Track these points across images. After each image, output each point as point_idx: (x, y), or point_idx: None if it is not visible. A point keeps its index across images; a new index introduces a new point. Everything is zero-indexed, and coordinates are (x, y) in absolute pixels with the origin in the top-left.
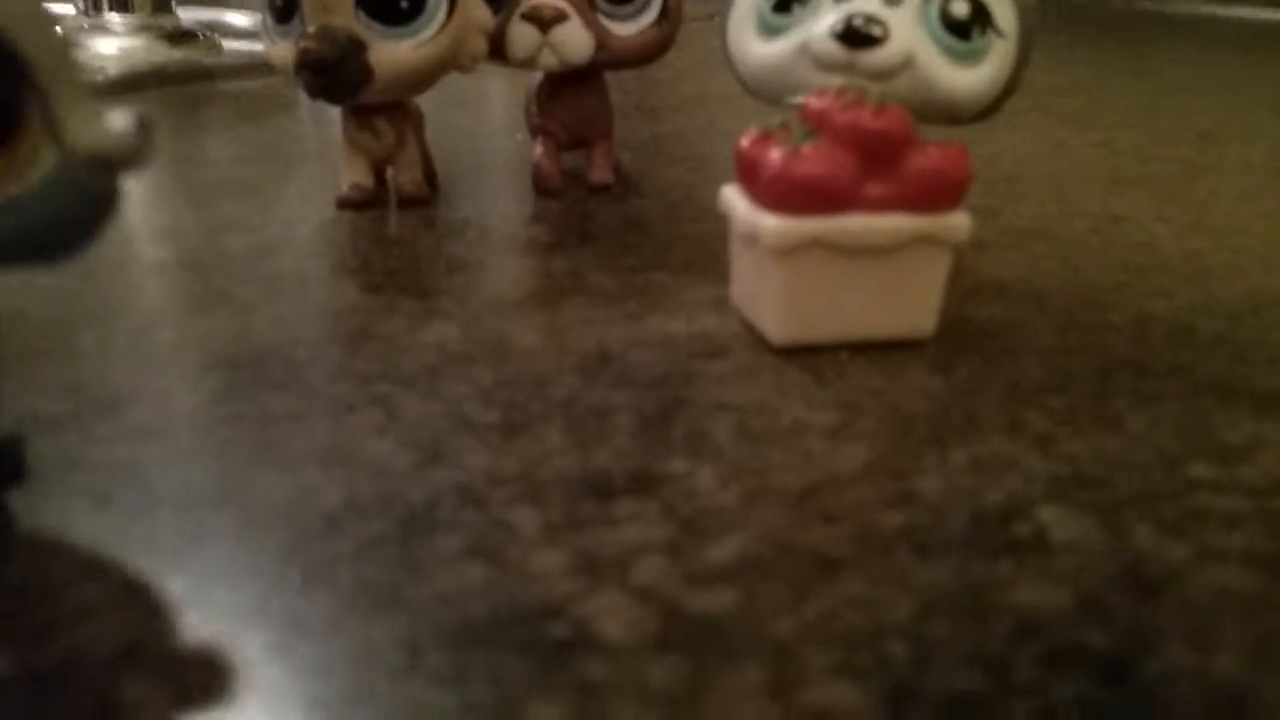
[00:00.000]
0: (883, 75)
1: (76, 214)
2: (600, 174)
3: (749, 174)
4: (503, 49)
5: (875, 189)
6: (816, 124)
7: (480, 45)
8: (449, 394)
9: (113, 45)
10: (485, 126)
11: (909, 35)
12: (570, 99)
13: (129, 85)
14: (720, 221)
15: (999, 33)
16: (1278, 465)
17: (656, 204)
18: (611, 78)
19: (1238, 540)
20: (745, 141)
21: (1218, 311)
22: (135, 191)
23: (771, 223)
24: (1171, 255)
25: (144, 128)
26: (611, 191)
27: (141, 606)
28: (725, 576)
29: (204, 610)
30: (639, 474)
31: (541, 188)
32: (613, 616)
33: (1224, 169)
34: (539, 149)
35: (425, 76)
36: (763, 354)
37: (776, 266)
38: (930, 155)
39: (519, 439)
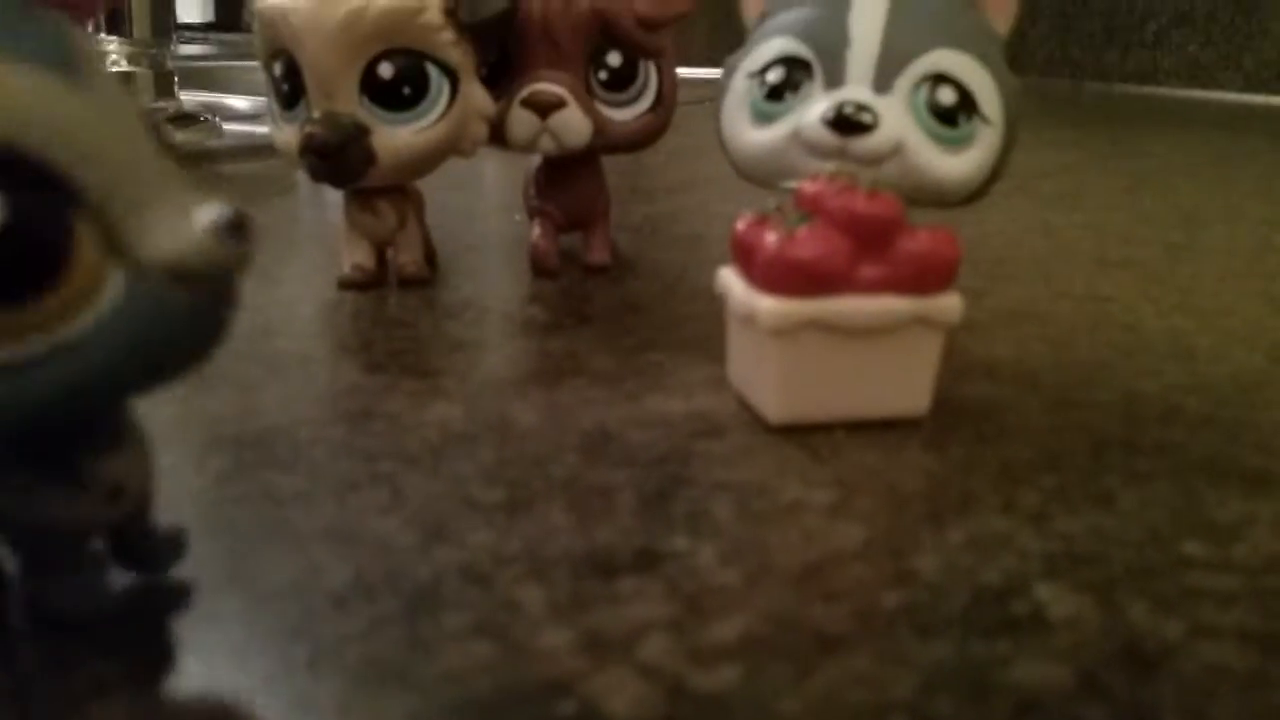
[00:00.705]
0: (873, 161)
1: (165, 336)
2: (597, 255)
3: (745, 256)
4: (503, 134)
5: (868, 271)
6: (811, 208)
7: (481, 130)
8: (452, 473)
9: None
10: (483, 208)
11: (898, 122)
12: (567, 182)
13: None
14: (716, 302)
15: (985, 119)
16: (1269, 543)
17: (653, 285)
18: (607, 160)
19: (1231, 618)
20: (741, 225)
21: (1205, 391)
22: None
23: (768, 304)
24: (1157, 335)
25: (238, 224)
26: (608, 273)
27: (153, 686)
28: (729, 654)
29: (213, 690)
30: (642, 552)
31: (539, 269)
32: (619, 694)
33: (1207, 250)
34: (537, 230)
35: (427, 161)
36: (760, 433)
37: (773, 347)
38: (921, 238)
39: (522, 517)
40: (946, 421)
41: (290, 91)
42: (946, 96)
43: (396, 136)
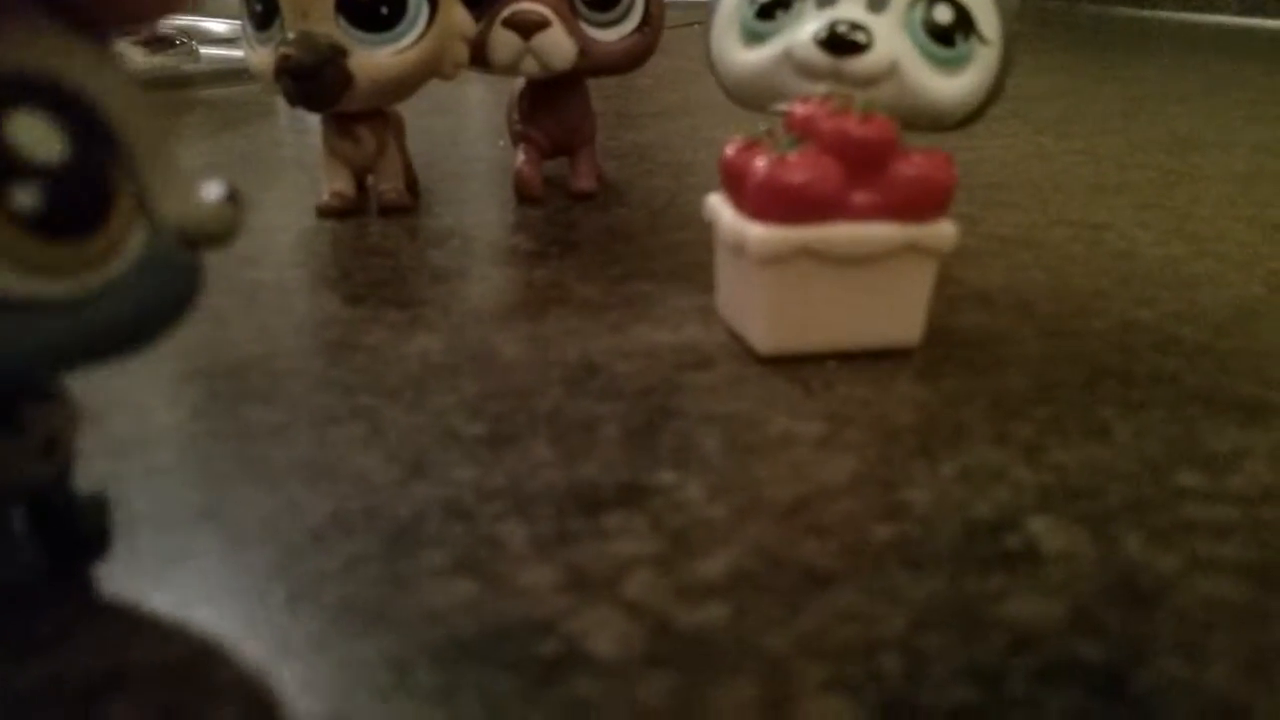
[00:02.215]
0: (867, 82)
1: (168, 296)
2: (583, 182)
3: (734, 182)
4: (484, 55)
5: (861, 197)
6: (802, 132)
7: (461, 52)
8: (434, 406)
9: None
10: (467, 133)
11: (893, 42)
12: (552, 106)
13: None
14: (705, 230)
15: (983, 39)
16: (1265, 474)
17: (640, 212)
18: (594, 85)
19: (1228, 550)
20: (730, 150)
21: (1201, 319)
22: None
23: (757, 231)
24: (1153, 263)
25: (236, 199)
26: (595, 200)
27: (123, 627)
28: (715, 591)
29: (187, 631)
30: (627, 486)
31: (524, 196)
32: (603, 632)
33: (1203, 175)
34: (521, 156)
35: (406, 84)
36: (749, 364)
37: (762, 276)
38: (916, 163)
39: (505, 452)
40: (939, 352)
41: (264, 11)
42: (943, 15)
43: (374, 58)
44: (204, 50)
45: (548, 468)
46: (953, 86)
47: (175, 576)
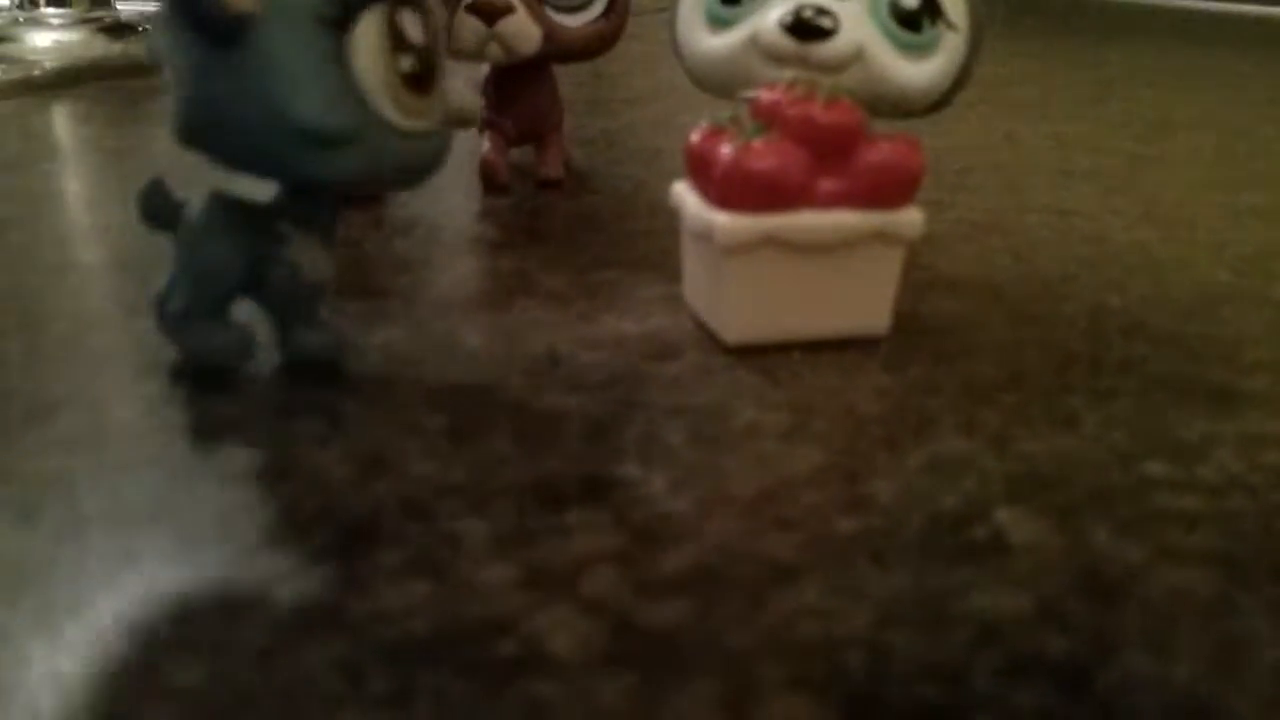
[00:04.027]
0: (833, 68)
1: (438, 160)
2: (550, 170)
3: (699, 170)
4: (449, 41)
5: (827, 184)
6: (767, 119)
7: None
8: (394, 400)
9: (49, 39)
10: None
11: (859, 27)
12: (518, 93)
13: (66, 80)
14: (673, 218)
15: (949, 25)
16: (1233, 463)
17: (607, 200)
18: (561, 72)
19: (1195, 541)
20: (695, 137)
21: (1169, 305)
22: (69, 190)
23: (723, 220)
24: (1122, 248)
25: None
26: (561, 188)
27: (68, 631)
28: (678, 587)
29: (134, 636)
30: (590, 481)
31: (490, 184)
32: (562, 632)
33: (1172, 160)
34: (487, 144)
35: None
36: (715, 354)
37: (729, 265)
38: (882, 150)
39: (466, 446)
40: (906, 340)
41: None
42: (910, 0)
43: None
44: None
45: (509, 462)
46: (920, 72)
47: (123, 579)
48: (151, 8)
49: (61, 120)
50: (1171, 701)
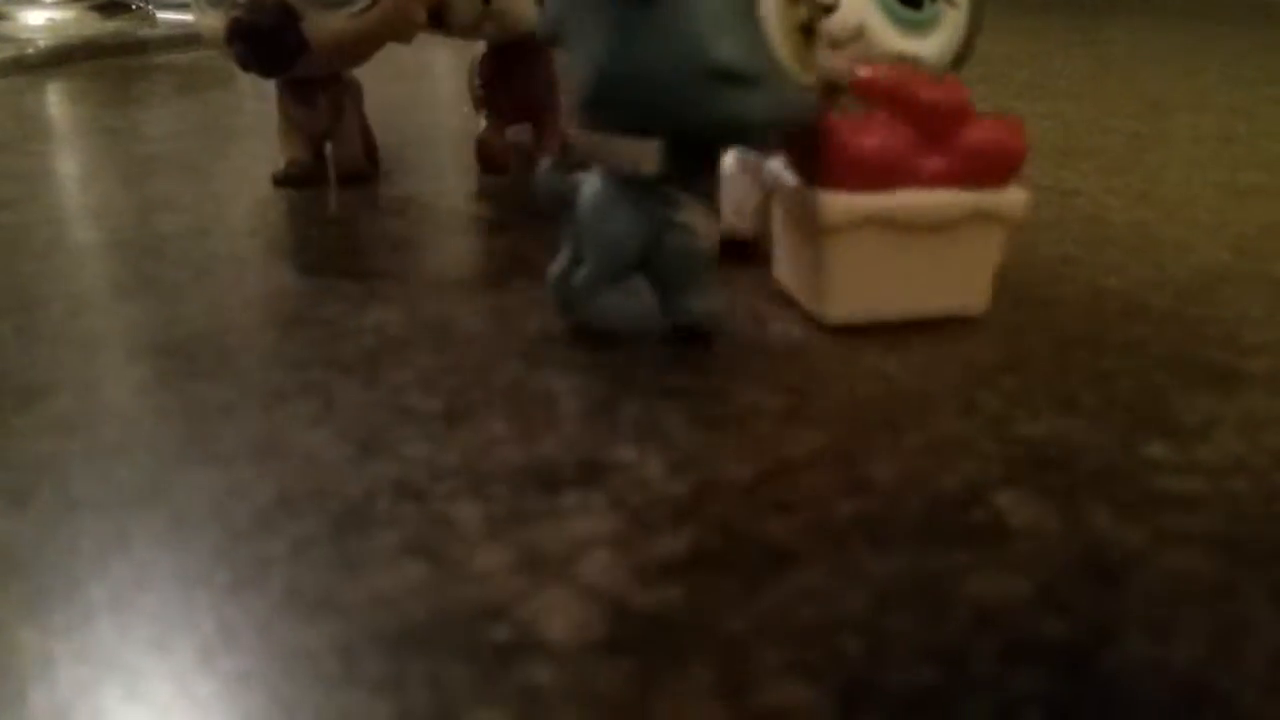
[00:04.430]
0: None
1: (811, 115)
2: (547, 149)
3: (799, 149)
4: (443, 18)
5: (931, 163)
6: (872, 96)
7: (419, 14)
8: (388, 381)
9: (42, 17)
10: (429, 100)
11: (860, 4)
12: (515, 72)
13: (60, 58)
14: None
15: (950, 1)
16: (1234, 444)
17: None
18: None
19: (1196, 523)
20: None
21: (1169, 286)
22: (63, 170)
23: (829, 199)
24: (1122, 228)
25: None
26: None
27: (60, 615)
28: (674, 571)
29: (127, 619)
30: (586, 463)
31: (486, 163)
32: (558, 616)
33: (1173, 139)
34: (483, 123)
35: (362, 47)
36: (713, 336)
37: (831, 244)
38: (985, 128)
39: (461, 428)
40: (906, 321)
41: None
42: None
43: (329, 21)
44: (161, 15)
45: (504, 444)
46: (920, 49)
47: (115, 562)
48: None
49: (54, 99)
50: (1172, 685)
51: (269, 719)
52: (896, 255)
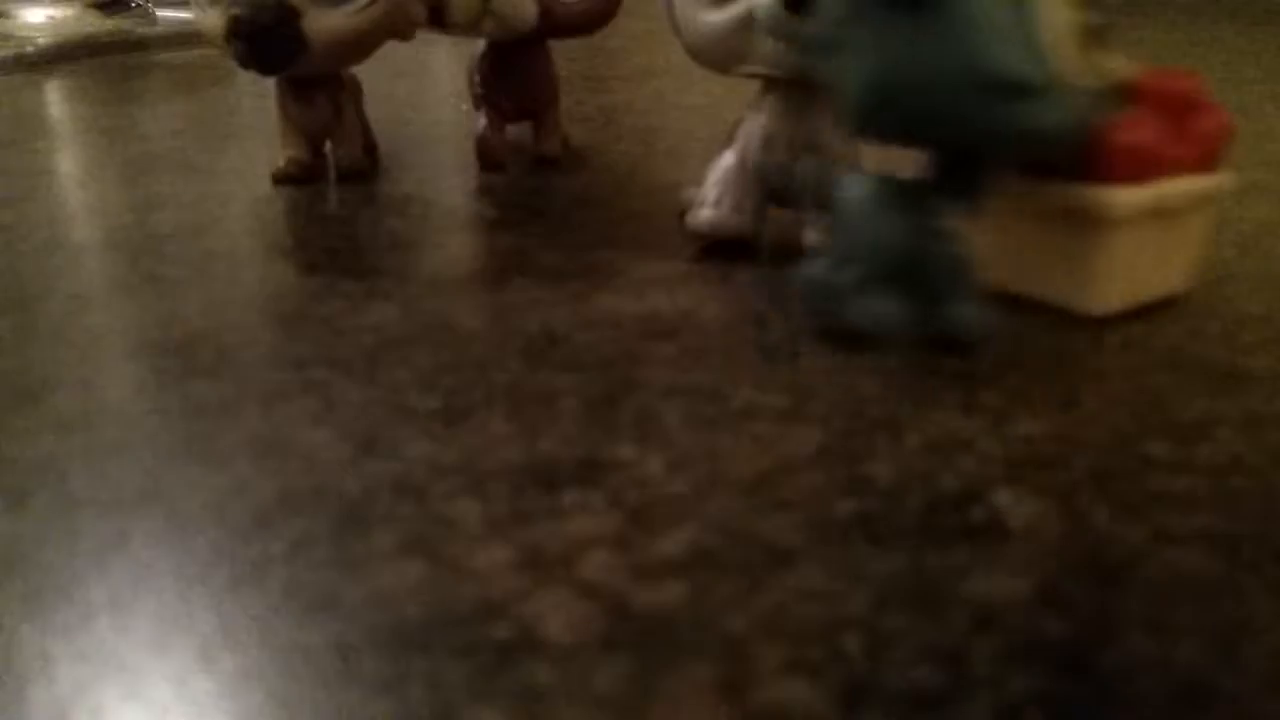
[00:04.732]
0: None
1: (1090, 122)
2: (547, 146)
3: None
4: (443, 16)
5: (1177, 151)
6: (1130, 92)
7: (419, 12)
8: (388, 380)
9: (42, 15)
10: (428, 98)
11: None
12: (515, 69)
13: (59, 56)
14: (671, 196)
15: None
16: (1233, 443)
17: (605, 178)
18: (558, 48)
19: (1195, 522)
20: None
21: None
22: (62, 168)
23: (1113, 194)
24: None
25: None
26: (559, 165)
27: (60, 615)
28: (674, 570)
29: (127, 618)
30: (586, 462)
31: (486, 161)
32: (557, 615)
33: None
34: (483, 121)
35: (362, 45)
36: (712, 334)
37: (1109, 237)
38: (1211, 115)
39: (461, 427)
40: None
41: None
42: None
43: (328, 19)
44: (160, 13)
45: (504, 443)
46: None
47: (115, 561)
48: None
49: (54, 97)
50: (1172, 684)
51: (268, 718)
52: (1154, 242)
